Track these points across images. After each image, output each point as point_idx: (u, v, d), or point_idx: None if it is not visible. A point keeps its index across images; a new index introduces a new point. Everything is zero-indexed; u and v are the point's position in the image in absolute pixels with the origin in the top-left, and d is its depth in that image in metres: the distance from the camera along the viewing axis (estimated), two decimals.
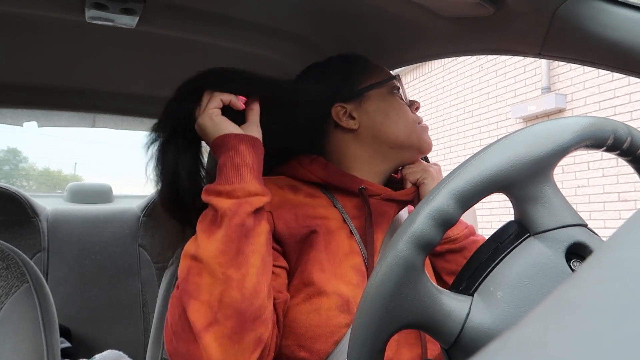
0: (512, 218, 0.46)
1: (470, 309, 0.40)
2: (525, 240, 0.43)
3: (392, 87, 0.83)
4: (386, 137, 0.79)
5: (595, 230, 0.45)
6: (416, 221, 0.40)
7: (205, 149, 0.73)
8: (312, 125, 0.83)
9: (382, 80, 0.82)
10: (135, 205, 1.77)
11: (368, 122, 0.79)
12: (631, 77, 0.71)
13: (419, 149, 0.81)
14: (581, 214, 0.44)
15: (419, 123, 0.83)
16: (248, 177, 0.62)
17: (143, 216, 1.69)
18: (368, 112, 0.80)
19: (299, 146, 0.85)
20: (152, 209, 1.69)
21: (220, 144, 0.65)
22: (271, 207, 0.70)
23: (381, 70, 0.85)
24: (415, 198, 0.80)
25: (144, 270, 1.62)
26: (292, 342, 0.66)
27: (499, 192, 0.42)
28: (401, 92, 0.84)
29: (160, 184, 0.70)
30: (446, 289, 0.43)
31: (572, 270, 0.41)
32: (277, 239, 0.70)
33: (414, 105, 0.84)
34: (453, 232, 0.81)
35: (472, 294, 0.42)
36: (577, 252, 0.42)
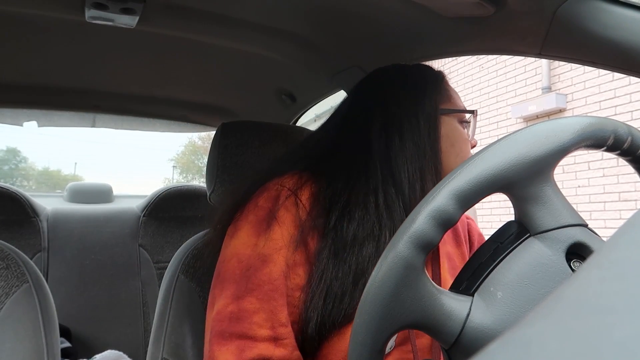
0: (512, 218, 0.46)
1: (470, 309, 0.40)
2: (526, 241, 0.43)
3: (463, 119, 0.77)
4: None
5: (596, 230, 0.45)
6: (416, 221, 0.40)
7: (205, 149, 0.73)
8: None
9: (465, 110, 0.76)
10: (135, 205, 1.77)
11: None
12: (631, 77, 0.71)
13: None
14: (581, 214, 0.44)
15: None
16: None
17: (143, 216, 1.69)
18: None
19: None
20: (152, 209, 1.69)
21: None
22: None
23: (455, 94, 0.79)
24: None
25: (144, 270, 1.62)
26: None
27: (499, 192, 0.42)
28: (470, 127, 0.78)
29: None
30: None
31: (573, 270, 0.41)
32: None
33: (471, 143, 0.79)
34: None
35: (472, 294, 0.42)
36: (577, 252, 0.42)
